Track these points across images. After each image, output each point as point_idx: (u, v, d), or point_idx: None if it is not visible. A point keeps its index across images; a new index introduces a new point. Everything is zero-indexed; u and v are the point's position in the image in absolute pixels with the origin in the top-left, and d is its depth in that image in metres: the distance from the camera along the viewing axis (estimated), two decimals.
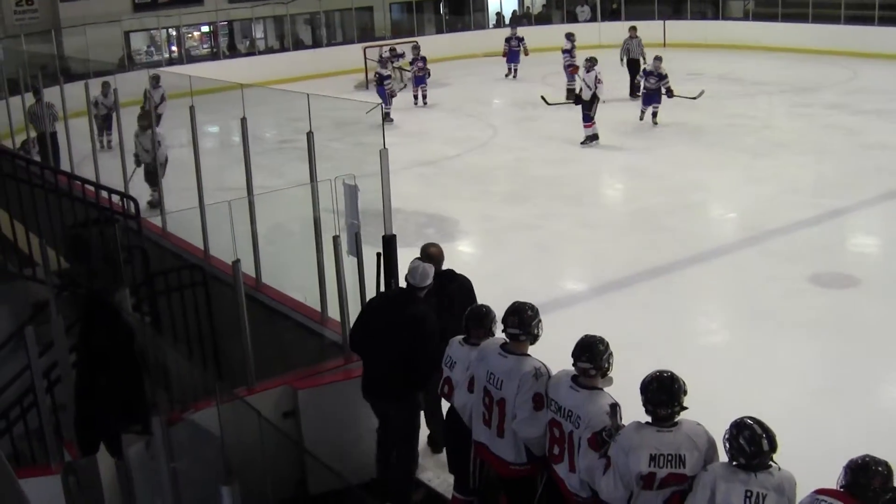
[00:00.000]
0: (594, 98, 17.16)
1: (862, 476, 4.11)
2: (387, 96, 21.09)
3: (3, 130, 16.69)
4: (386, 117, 20.98)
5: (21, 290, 7.94)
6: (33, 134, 16.36)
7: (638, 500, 4.59)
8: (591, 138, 17.34)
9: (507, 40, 26.95)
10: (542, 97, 19.36)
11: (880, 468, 4.12)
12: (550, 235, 12.54)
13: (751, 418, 4.32)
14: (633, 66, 22.09)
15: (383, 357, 6.14)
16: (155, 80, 18.49)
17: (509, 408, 5.23)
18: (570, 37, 23.61)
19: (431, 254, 6.55)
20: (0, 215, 8.80)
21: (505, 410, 5.26)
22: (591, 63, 17.42)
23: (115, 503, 5.86)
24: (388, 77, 21.58)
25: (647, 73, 18.89)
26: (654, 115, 18.74)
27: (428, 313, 6.09)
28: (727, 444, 4.33)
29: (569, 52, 23.16)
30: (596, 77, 17.12)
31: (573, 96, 18.24)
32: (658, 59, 19.05)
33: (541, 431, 5.14)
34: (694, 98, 18.72)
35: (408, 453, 6.40)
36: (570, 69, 22.23)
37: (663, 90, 18.59)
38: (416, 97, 23.23)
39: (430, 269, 6.18)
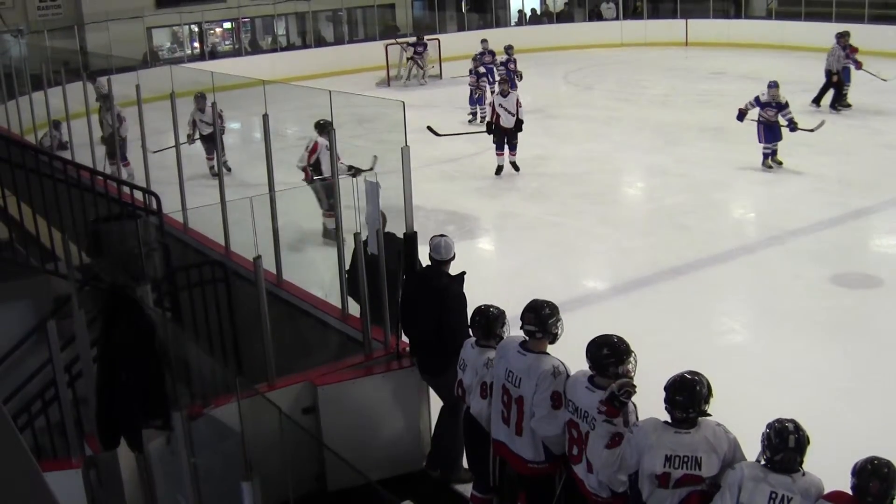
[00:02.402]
0: (518, 124, 15.18)
1: (862, 478, 4.12)
2: (481, 98, 19.80)
3: (25, 125, 16.80)
4: (473, 118, 19.79)
5: (43, 285, 7.99)
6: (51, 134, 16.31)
7: (653, 497, 4.60)
8: (514, 166, 15.44)
9: (479, 56, 21.45)
10: (429, 127, 16.31)
11: (884, 469, 4.12)
12: (571, 233, 12.52)
13: (790, 420, 4.34)
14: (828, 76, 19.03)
15: (422, 332, 6.52)
16: (103, 96, 14.53)
17: (528, 406, 5.23)
18: (844, 36, 19.18)
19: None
20: (23, 210, 8.85)
21: (523, 409, 5.26)
22: (509, 85, 15.58)
23: (135, 497, 5.89)
24: (481, 74, 20.38)
25: (764, 104, 14.79)
26: (774, 153, 14.85)
27: (450, 285, 6.34)
28: (761, 439, 4.36)
29: (844, 49, 18.98)
30: (517, 101, 15.18)
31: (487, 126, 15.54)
32: (774, 84, 14.86)
33: (559, 430, 5.13)
34: (812, 130, 15.13)
35: (452, 428, 6.48)
36: (854, 60, 18.98)
37: (784, 122, 14.82)
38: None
39: (452, 241, 6.50)
